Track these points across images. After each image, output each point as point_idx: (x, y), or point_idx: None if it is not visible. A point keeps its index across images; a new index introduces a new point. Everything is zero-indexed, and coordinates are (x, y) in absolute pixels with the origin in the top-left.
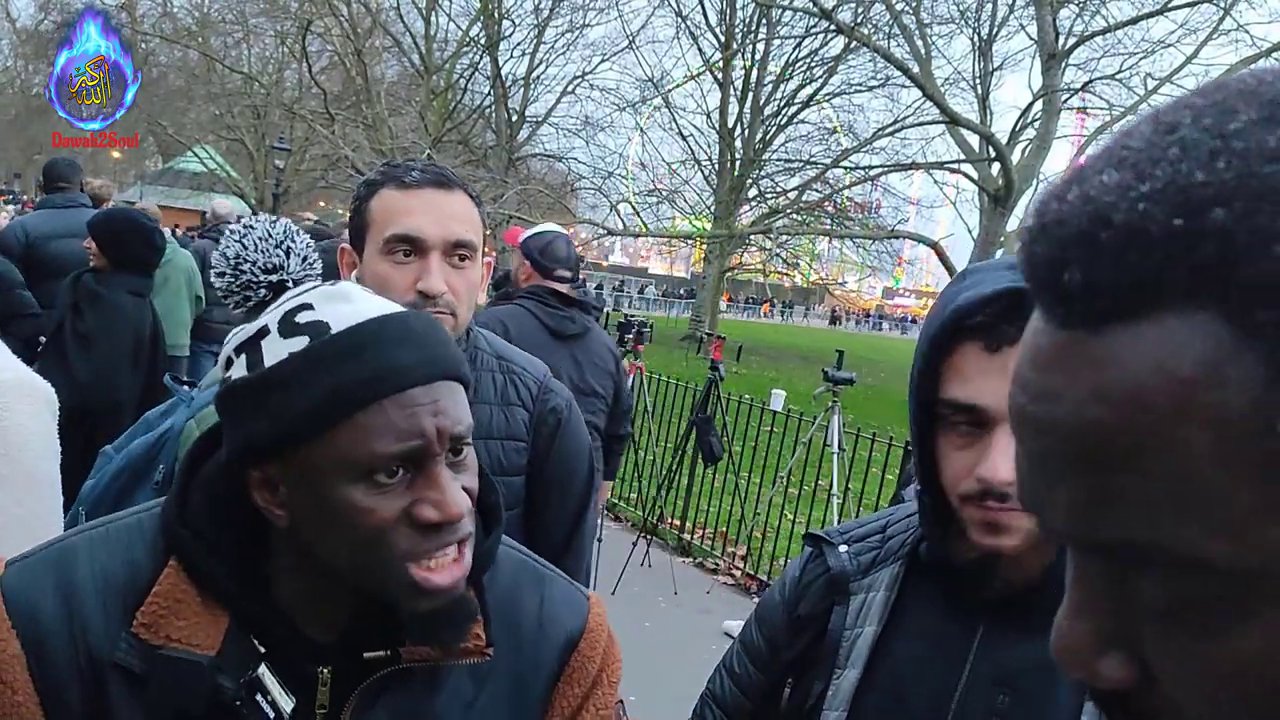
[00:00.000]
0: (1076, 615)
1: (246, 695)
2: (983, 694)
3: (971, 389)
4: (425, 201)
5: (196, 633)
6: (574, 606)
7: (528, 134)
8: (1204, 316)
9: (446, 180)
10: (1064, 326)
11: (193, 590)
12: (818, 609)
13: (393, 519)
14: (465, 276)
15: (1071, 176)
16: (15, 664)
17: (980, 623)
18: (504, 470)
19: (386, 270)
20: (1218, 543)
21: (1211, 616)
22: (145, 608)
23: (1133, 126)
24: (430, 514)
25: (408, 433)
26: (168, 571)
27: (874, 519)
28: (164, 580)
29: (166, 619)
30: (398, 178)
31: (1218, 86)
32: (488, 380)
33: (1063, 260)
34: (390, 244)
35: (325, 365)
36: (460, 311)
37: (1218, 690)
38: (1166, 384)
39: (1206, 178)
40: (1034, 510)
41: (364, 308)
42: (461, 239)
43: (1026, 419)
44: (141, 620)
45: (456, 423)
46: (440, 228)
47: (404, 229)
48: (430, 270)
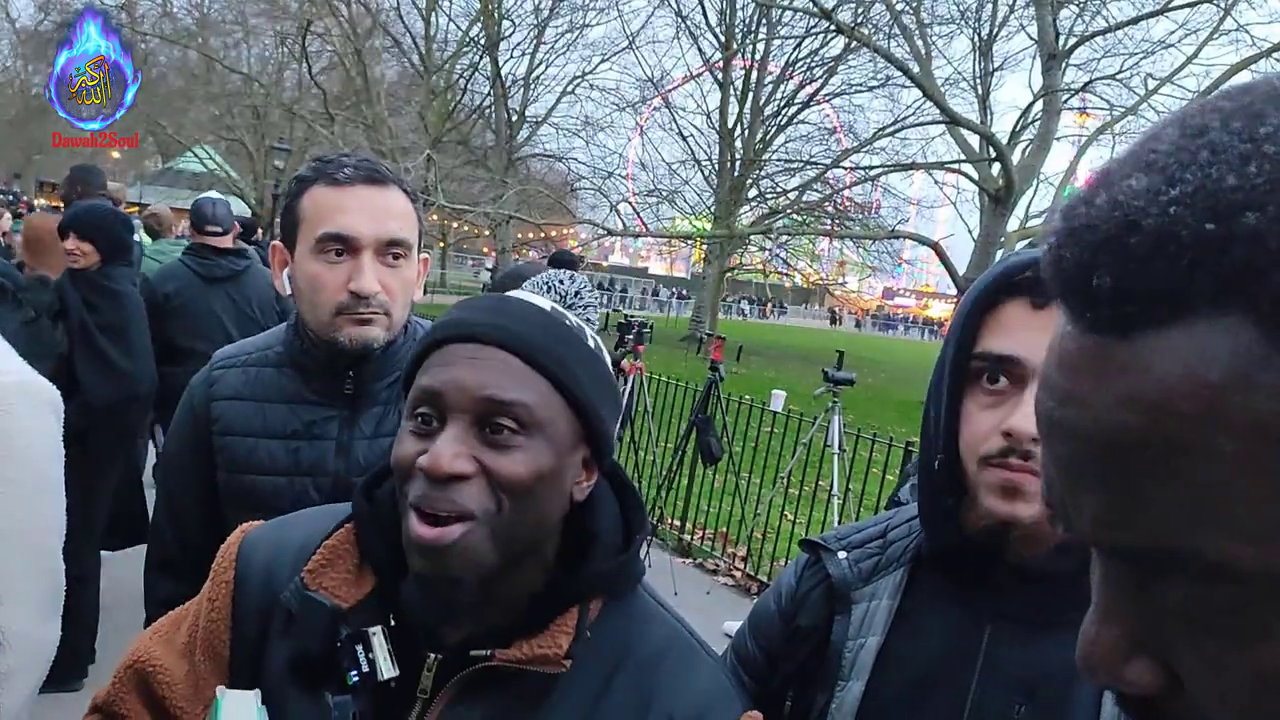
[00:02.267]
0: (1103, 621)
1: (347, 642)
2: (998, 703)
3: (1013, 341)
4: (357, 199)
5: (343, 586)
6: (723, 702)
7: (528, 134)
8: (1233, 321)
9: (380, 176)
10: (1092, 331)
11: (354, 551)
12: (818, 619)
13: (409, 459)
14: (399, 275)
15: (1099, 180)
16: (224, 590)
17: (987, 622)
18: None
19: (318, 270)
20: (1247, 549)
21: (1241, 623)
22: (315, 557)
23: (1158, 129)
24: (422, 459)
25: (437, 376)
26: (341, 531)
27: (872, 523)
28: (334, 537)
29: (325, 570)
30: (329, 174)
31: (1244, 90)
32: None
33: (1092, 265)
34: (322, 243)
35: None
36: (394, 311)
37: (1246, 697)
38: (1196, 390)
39: (1238, 182)
40: (1060, 515)
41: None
42: (395, 237)
43: (1054, 423)
44: (309, 567)
45: (489, 386)
46: (373, 226)
47: (335, 227)
48: (362, 270)
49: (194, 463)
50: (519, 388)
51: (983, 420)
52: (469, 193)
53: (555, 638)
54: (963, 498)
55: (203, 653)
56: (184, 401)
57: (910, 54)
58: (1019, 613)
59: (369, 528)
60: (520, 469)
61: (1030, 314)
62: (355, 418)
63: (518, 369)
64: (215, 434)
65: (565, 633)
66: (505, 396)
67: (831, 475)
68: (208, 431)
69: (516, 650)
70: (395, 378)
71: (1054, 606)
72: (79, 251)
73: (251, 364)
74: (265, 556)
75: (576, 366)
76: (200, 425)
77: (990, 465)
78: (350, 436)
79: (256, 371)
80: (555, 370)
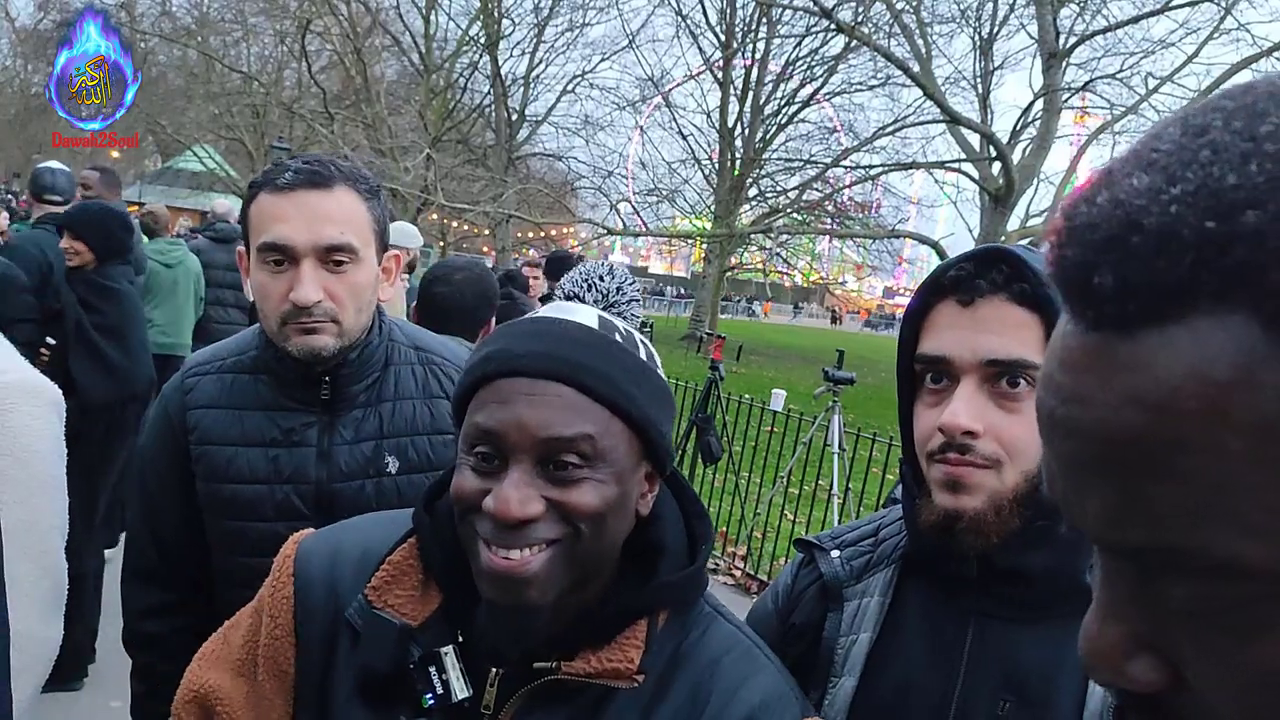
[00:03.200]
0: (1106, 618)
1: (420, 665)
2: (984, 701)
3: (940, 341)
4: (296, 205)
5: (409, 604)
6: (779, 703)
7: (527, 133)
8: (1236, 319)
9: (322, 178)
10: (1094, 329)
11: (418, 567)
12: (812, 617)
13: (474, 497)
14: (346, 280)
15: (1100, 179)
16: (284, 605)
17: (971, 620)
18: (433, 465)
19: (263, 280)
20: (1253, 545)
21: (1246, 619)
22: (378, 574)
23: (1160, 129)
24: (488, 502)
25: (495, 415)
26: (404, 547)
27: (866, 522)
28: (398, 552)
29: (390, 587)
30: (273, 180)
31: (1246, 89)
32: (407, 374)
33: (1093, 263)
34: (262, 252)
35: (484, 345)
36: (345, 318)
37: (1253, 693)
38: (1199, 388)
39: (1239, 180)
40: (1064, 513)
41: (560, 315)
42: (335, 242)
43: (1056, 422)
44: (372, 584)
45: (550, 425)
46: (309, 233)
47: (272, 236)
48: (301, 279)
49: (170, 471)
50: (579, 422)
51: (927, 419)
52: (469, 192)
53: (625, 650)
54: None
55: (266, 671)
56: (158, 408)
57: (910, 53)
58: (1001, 610)
59: (432, 543)
60: (589, 500)
61: (958, 312)
62: (334, 423)
63: (575, 401)
64: (192, 443)
65: (635, 645)
66: (567, 433)
67: (831, 475)
68: (185, 440)
69: (584, 663)
70: (374, 379)
71: (1034, 602)
72: (73, 250)
73: (227, 370)
74: (324, 568)
75: (632, 386)
76: (176, 433)
77: (934, 461)
78: (331, 442)
79: (232, 379)
80: (613, 396)
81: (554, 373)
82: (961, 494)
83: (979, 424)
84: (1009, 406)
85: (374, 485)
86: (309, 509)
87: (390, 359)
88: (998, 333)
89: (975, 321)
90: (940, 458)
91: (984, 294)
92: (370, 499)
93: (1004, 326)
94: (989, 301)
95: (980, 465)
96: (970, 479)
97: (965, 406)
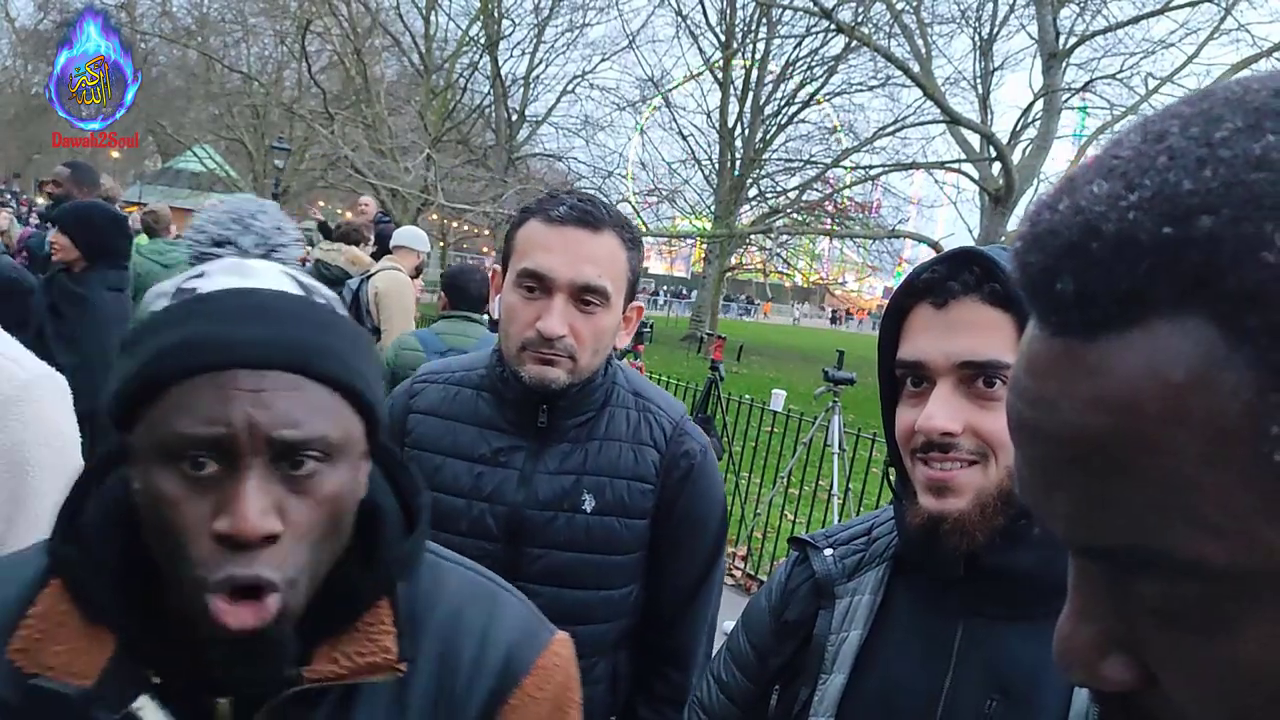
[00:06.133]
0: (1078, 618)
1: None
2: (971, 697)
3: (915, 346)
4: (563, 239)
5: (75, 659)
6: (529, 636)
7: (527, 133)
8: (1194, 323)
9: (593, 220)
10: (1058, 335)
11: (74, 612)
12: (804, 614)
13: (195, 521)
14: (593, 322)
15: (1063, 186)
16: None
17: (959, 619)
18: (626, 511)
19: (514, 302)
20: (1214, 545)
21: (1211, 618)
22: (20, 631)
23: (1122, 135)
24: (219, 524)
25: (215, 417)
26: (46, 592)
27: (859, 521)
28: (41, 601)
29: (43, 644)
30: (546, 210)
31: (1204, 95)
32: (621, 416)
33: (1055, 270)
34: (521, 277)
35: (160, 329)
36: (581, 357)
37: (1221, 692)
38: (1159, 390)
39: (1194, 186)
40: (1036, 515)
41: (254, 282)
42: (591, 283)
43: (1024, 426)
44: (16, 646)
45: (287, 424)
46: (570, 269)
47: (534, 264)
48: (551, 311)
49: None
50: (315, 415)
51: (906, 419)
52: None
53: (375, 640)
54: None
55: None
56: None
57: (910, 53)
58: (989, 608)
59: (83, 577)
60: (330, 506)
61: (932, 314)
62: (542, 451)
63: (305, 390)
64: (407, 445)
65: (385, 631)
66: (306, 434)
67: (832, 475)
68: (401, 443)
69: (329, 664)
70: (589, 417)
71: (1020, 600)
72: (58, 245)
73: (453, 383)
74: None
75: (355, 360)
76: (396, 434)
77: (918, 460)
78: (534, 469)
79: (456, 391)
80: (344, 377)
81: (279, 359)
82: (947, 497)
83: (956, 424)
84: (987, 405)
85: (566, 519)
86: (499, 531)
87: (609, 400)
88: (970, 334)
89: (948, 324)
90: (923, 457)
91: (956, 296)
92: (560, 532)
93: (977, 328)
94: (961, 303)
95: (966, 462)
96: (955, 481)
97: (941, 408)
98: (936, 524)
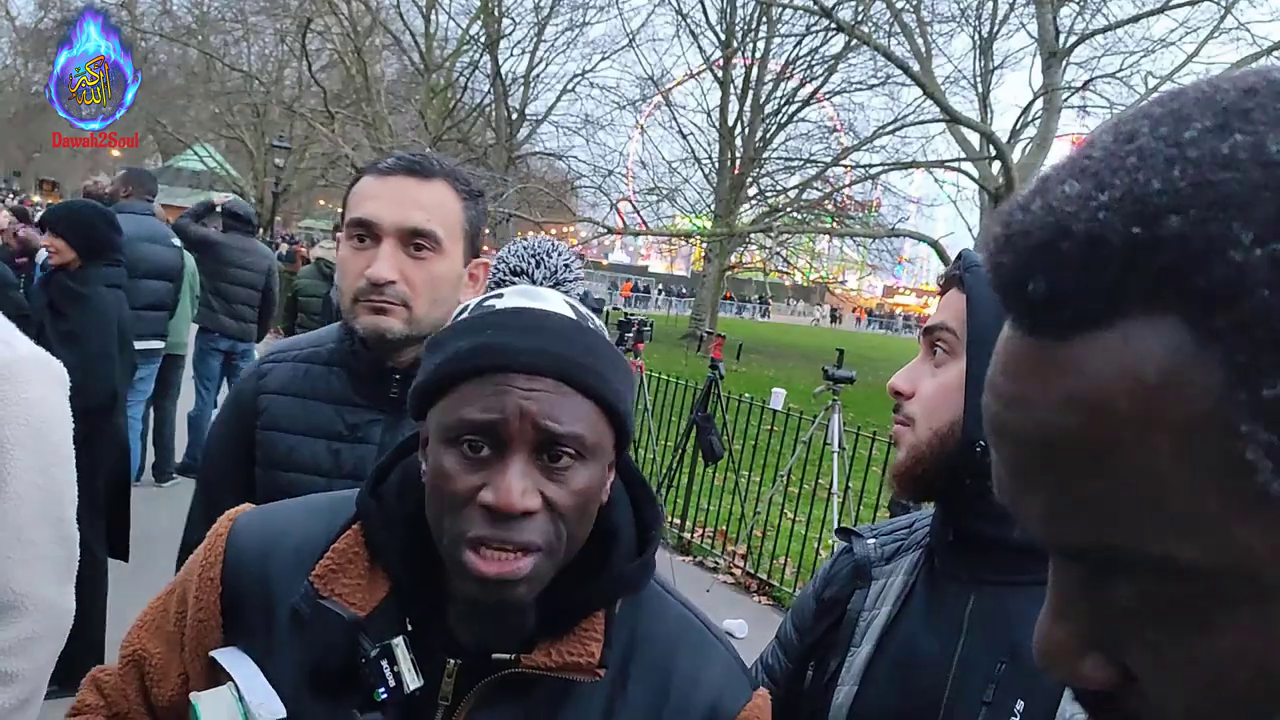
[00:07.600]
0: (1056, 618)
1: (373, 659)
2: (982, 661)
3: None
4: (390, 187)
5: (356, 593)
6: (736, 688)
7: (528, 132)
8: (1164, 323)
9: (423, 169)
10: (1032, 335)
11: (364, 554)
12: (841, 593)
13: (467, 492)
14: (425, 268)
15: (1036, 187)
16: (210, 588)
17: (971, 591)
18: None
19: (345, 254)
20: (1187, 544)
21: (1186, 616)
22: (323, 561)
23: (1095, 135)
24: (487, 495)
25: (492, 406)
26: (349, 533)
27: (906, 518)
28: (342, 540)
29: (336, 575)
30: (377, 166)
31: (1175, 95)
32: None
33: (1027, 271)
34: (350, 229)
35: (461, 335)
36: (417, 305)
37: (1197, 689)
38: (1130, 390)
39: (1163, 186)
40: (1014, 515)
41: (539, 305)
42: (420, 227)
43: (1000, 426)
44: (317, 572)
45: (550, 418)
46: (396, 213)
47: (360, 213)
48: (378, 256)
49: (234, 456)
50: (574, 417)
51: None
52: None
53: (585, 644)
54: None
55: (192, 652)
56: (232, 392)
57: (910, 52)
58: (994, 576)
59: (380, 530)
60: (579, 497)
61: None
62: (399, 422)
63: (570, 396)
64: (259, 427)
65: (595, 639)
66: (566, 428)
67: (831, 473)
68: (252, 425)
69: (544, 656)
70: None
71: (1023, 567)
72: (53, 247)
73: (302, 359)
74: (257, 552)
75: (614, 378)
76: (246, 417)
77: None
78: (392, 440)
79: (306, 368)
80: (601, 391)
81: (550, 369)
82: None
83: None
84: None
85: None
86: None
87: None
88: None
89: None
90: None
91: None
92: None
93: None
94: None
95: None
96: (901, 436)
97: (902, 370)
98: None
